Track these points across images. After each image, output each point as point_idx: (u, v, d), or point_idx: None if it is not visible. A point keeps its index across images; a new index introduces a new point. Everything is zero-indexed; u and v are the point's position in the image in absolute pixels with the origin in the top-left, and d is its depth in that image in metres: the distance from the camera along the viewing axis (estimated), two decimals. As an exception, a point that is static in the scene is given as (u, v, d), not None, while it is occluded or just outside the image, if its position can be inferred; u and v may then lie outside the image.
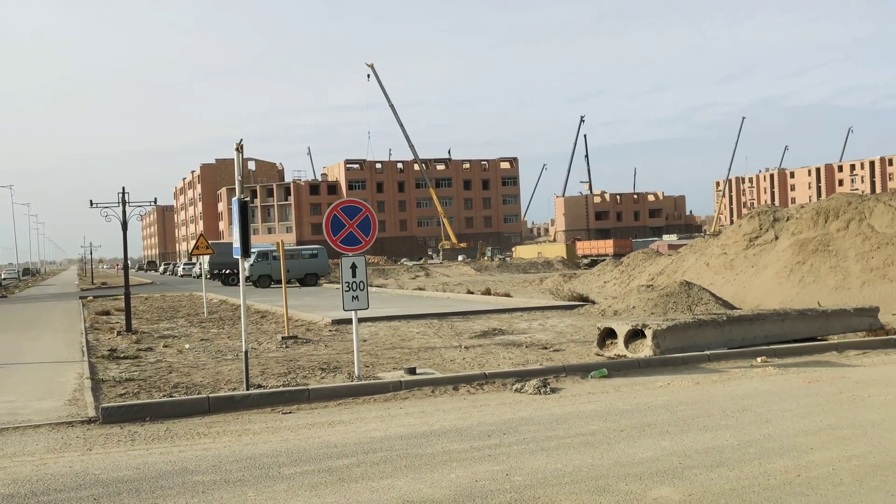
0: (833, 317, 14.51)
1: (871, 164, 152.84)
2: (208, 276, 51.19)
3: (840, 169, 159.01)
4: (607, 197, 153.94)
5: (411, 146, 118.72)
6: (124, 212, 19.97)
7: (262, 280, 45.46)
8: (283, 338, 16.79)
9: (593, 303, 23.38)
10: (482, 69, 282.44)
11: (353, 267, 11.27)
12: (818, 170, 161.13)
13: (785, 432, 7.66)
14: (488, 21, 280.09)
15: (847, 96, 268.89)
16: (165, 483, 6.56)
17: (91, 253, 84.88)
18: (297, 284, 46.26)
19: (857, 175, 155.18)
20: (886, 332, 14.62)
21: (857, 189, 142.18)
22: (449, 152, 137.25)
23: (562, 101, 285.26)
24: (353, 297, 11.26)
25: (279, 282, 42.04)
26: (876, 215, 24.68)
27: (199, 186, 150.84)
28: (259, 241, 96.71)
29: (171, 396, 10.26)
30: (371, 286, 39.95)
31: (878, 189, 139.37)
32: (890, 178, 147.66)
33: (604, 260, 56.06)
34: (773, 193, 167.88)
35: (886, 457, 6.70)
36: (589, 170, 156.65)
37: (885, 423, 7.94)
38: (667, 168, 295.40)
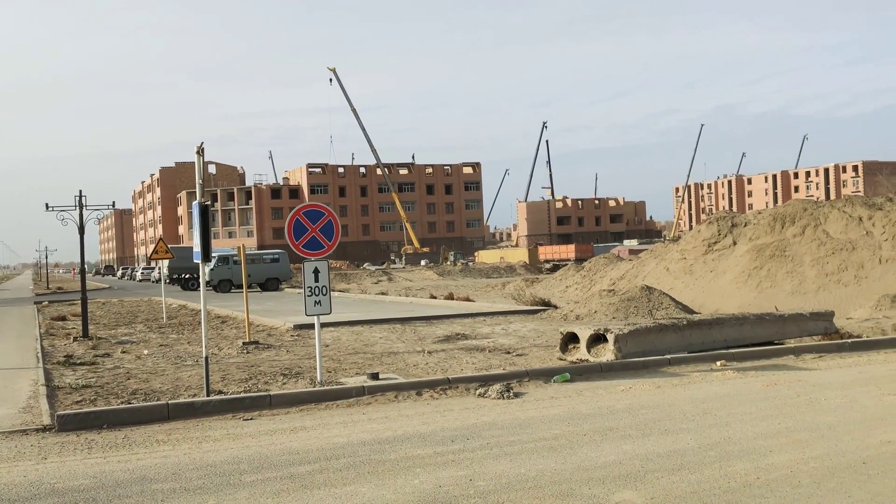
0: (790, 321, 14.74)
1: (826, 171, 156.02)
2: (168, 281, 50.52)
3: (796, 176, 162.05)
4: (569, 202, 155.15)
5: (374, 151, 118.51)
6: (81, 215, 19.60)
7: (222, 285, 44.98)
8: (244, 343, 16.60)
9: (556, 307, 23.49)
10: (447, 74, 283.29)
11: (316, 271, 11.19)
12: (775, 176, 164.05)
13: (744, 435, 7.75)
14: (453, 27, 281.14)
15: (803, 105, 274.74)
16: (123, 492, 6.43)
17: (46, 257, 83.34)
18: (259, 289, 45.85)
19: (812, 182, 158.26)
20: (841, 335, 14.90)
21: (812, 196, 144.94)
22: (413, 157, 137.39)
23: (525, 107, 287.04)
24: (315, 301, 11.17)
25: (240, 286, 41.62)
26: (831, 221, 25.18)
27: (158, 190, 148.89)
28: (220, 246, 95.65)
29: (130, 403, 10.08)
30: (333, 291, 39.75)
31: (833, 196, 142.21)
32: (844, 185, 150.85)
33: (566, 265, 56.42)
34: (731, 199, 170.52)
35: (843, 459, 6.82)
36: (551, 175, 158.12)
37: (841, 426, 8.08)
38: (628, 174, 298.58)
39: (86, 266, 21.99)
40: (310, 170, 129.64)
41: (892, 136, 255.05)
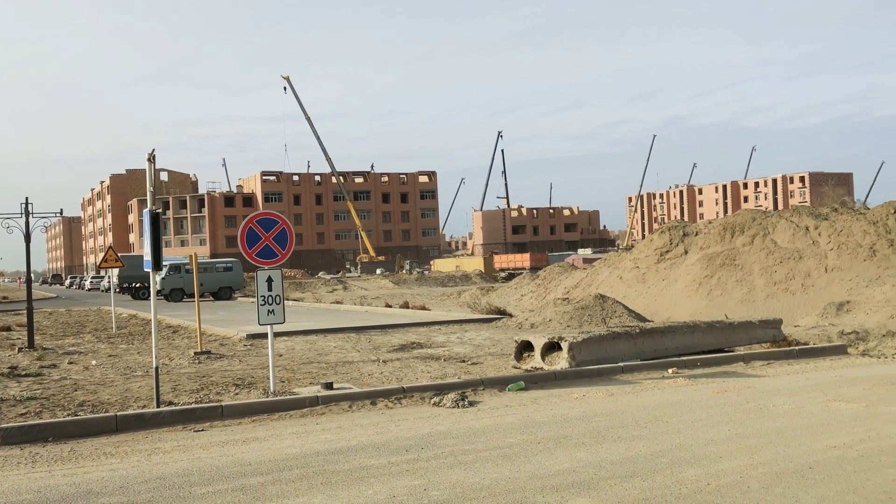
0: (739, 329, 15.00)
1: (774, 181, 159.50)
2: (117, 290, 49.59)
3: (745, 186, 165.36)
4: (524, 211, 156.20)
5: (328, 159, 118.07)
6: (27, 223, 19.14)
7: (174, 294, 44.31)
8: (195, 353, 16.36)
9: (511, 316, 23.59)
10: (403, 83, 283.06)
11: (269, 280, 11.08)
12: (724, 187, 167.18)
13: (695, 442, 7.85)
14: (409, 35, 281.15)
15: (751, 116, 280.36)
16: (69, 506, 6.27)
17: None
18: (211, 298, 45.27)
19: (760, 192, 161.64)
20: (789, 343, 15.20)
21: (760, 205, 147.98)
22: (372, 167, 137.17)
23: (481, 116, 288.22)
24: (268, 311, 11.06)
25: (192, 295, 41.04)
26: (779, 231, 25.70)
27: (108, 197, 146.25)
28: (172, 254, 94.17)
29: (77, 415, 9.85)
30: (288, 300, 39.41)
31: (781, 205, 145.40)
32: (791, 196, 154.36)
33: (521, 273, 56.70)
34: (682, 209, 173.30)
35: (790, 464, 6.94)
36: (506, 185, 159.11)
37: (789, 432, 8.23)
38: (582, 183, 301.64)
39: (32, 275, 21.47)
40: (264, 178, 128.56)
41: (837, 147, 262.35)
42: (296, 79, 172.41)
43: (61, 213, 21.66)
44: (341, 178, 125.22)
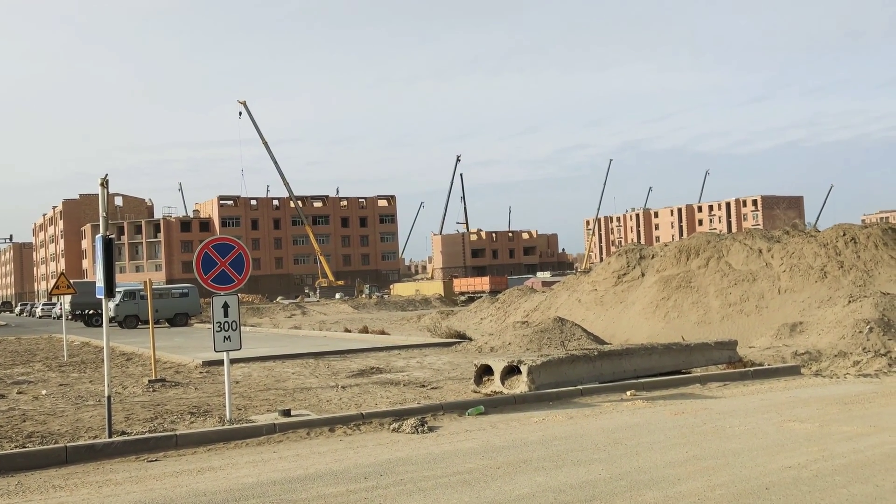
0: (696, 350, 15.17)
1: (728, 204, 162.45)
2: (69, 317, 48.55)
3: (699, 209, 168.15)
4: (483, 235, 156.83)
5: (286, 183, 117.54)
6: (-24, 249, 18.68)
7: (128, 321, 43.55)
8: (150, 381, 16.05)
9: (470, 340, 23.57)
10: (362, 107, 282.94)
11: (226, 306, 10.93)
12: (680, 210, 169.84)
13: (654, 464, 7.89)
14: (368, 59, 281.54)
15: (704, 141, 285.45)
16: (15, 542, 6.07)
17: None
18: (167, 325, 44.55)
19: (715, 215, 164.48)
20: (744, 364, 15.40)
21: (715, 228, 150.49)
22: (337, 191, 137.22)
23: (439, 140, 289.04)
24: (224, 337, 10.90)
25: (147, 322, 40.33)
26: (733, 253, 26.13)
27: (61, 223, 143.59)
28: (127, 280, 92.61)
29: (24, 447, 9.57)
30: (245, 325, 38.95)
31: (734, 228, 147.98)
32: (744, 219, 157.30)
33: (480, 297, 56.79)
34: (639, 232, 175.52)
35: (747, 485, 7.00)
36: (465, 210, 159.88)
37: (745, 453, 8.31)
38: (540, 207, 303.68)
39: (-20, 302, 20.92)
40: (221, 202, 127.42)
41: (787, 172, 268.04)
42: (252, 102, 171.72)
43: (11, 238, 21.19)
44: (299, 202, 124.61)
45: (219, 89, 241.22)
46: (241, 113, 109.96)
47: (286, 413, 11.05)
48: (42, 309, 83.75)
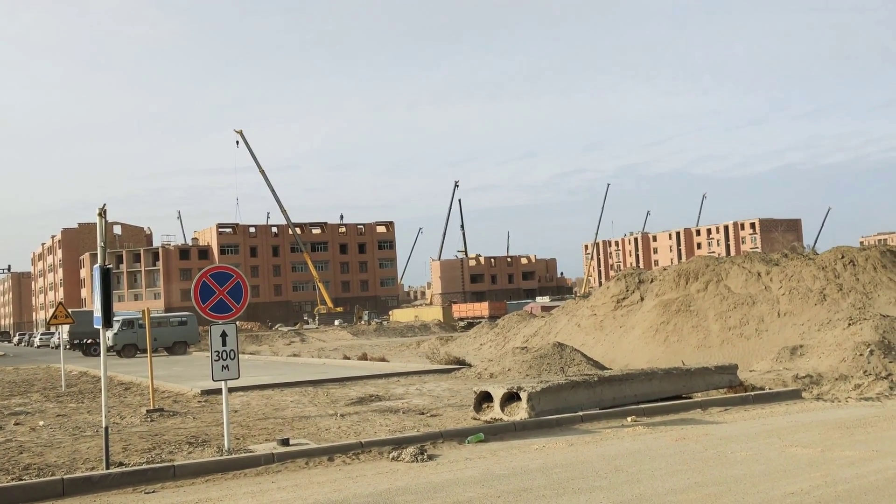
0: (696, 375, 15.11)
1: (726, 228, 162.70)
2: (67, 347, 48.38)
3: (698, 233, 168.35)
4: (482, 260, 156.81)
5: (283, 211, 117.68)
6: (-27, 279, 18.66)
7: (126, 350, 43.40)
8: (148, 411, 15.96)
9: (470, 366, 23.49)
10: (358, 133, 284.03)
11: (224, 335, 10.90)
12: (678, 233, 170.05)
13: (655, 491, 7.82)
14: (363, 86, 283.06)
15: (701, 164, 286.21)
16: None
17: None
18: (165, 353, 44.39)
19: (713, 238, 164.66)
20: (745, 388, 15.34)
21: (713, 252, 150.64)
22: (341, 217, 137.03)
23: (438, 166, 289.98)
24: (222, 366, 10.86)
25: (146, 351, 40.19)
26: (732, 276, 26.12)
27: (59, 252, 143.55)
28: (125, 309, 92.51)
29: (21, 479, 9.49)
30: (244, 353, 38.82)
31: (733, 251, 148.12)
32: (742, 242, 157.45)
33: (479, 322, 56.71)
34: (637, 256, 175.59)
35: (750, 512, 6.94)
36: (464, 235, 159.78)
37: (747, 479, 8.25)
38: (539, 232, 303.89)
39: (-23, 333, 20.86)
40: (220, 230, 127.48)
41: (785, 194, 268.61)
42: (251, 130, 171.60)
43: (9, 269, 21.18)
44: (297, 229, 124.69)
45: (217, 117, 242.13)
46: (238, 142, 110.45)
47: (285, 442, 10.97)
48: (40, 339, 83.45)
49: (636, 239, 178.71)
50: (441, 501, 7.76)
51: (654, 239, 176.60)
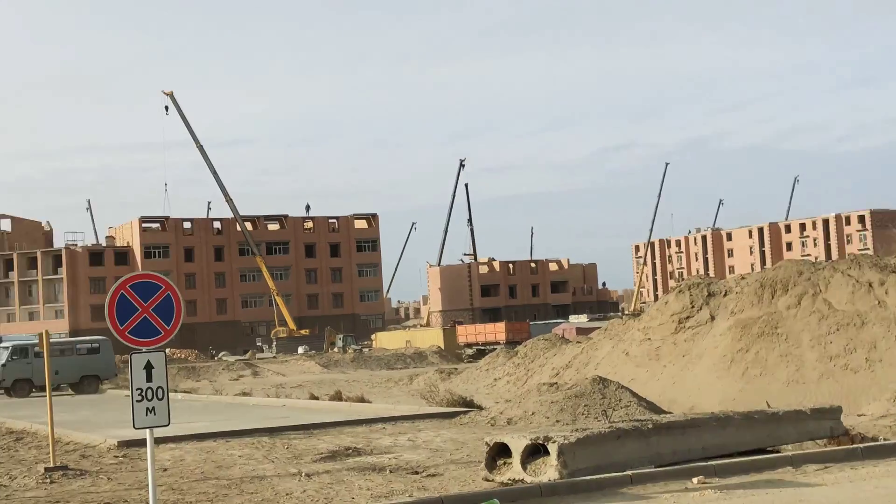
0: (785, 421, 15.10)
1: (825, 222, 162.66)
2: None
3: (788, 229, 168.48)
4: (497, 266, 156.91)
5: (229, 200, 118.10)
6: None
7: (18, 387, 43.40)
8: (46, 469, 15.99)
9: (480, 408, 23.52)
10: (331, 97, 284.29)
11: (149, 366, 10.91)
12: (761, 230, 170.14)
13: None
14: (339, 36, 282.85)
15: (793, 138, 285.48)
16: None
17: None
18: (71, 392, 44.46)
19: (808, 237, 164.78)
20: (852, 438, 15.31)
21: (808, 255, 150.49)
22: (308, 208, 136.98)
23: (436, 141, 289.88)
24: (147, 409, 10.86)
25: (44, 388, 40.18)
26: (833, 288, 26.09)
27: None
28: (17, 332, 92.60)
29: None
30: (176, 392, 38.83)
31: (835, 254, 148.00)
32: (848, 241, 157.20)
33: (493, 350, 56.67)
34: (706, 260, 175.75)
35: None
36: (472, 232, 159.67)
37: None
38: (573, 227, 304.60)
39: None
40: (144, 225, 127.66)
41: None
42: (183, 91, 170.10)
43: None
44: (248, 224, 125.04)
45: (141, 75, 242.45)
46: (167, 108, 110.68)
47: (231, 512, 10.98)
48: None
49: (704, 237, 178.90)
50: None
51: (729, 237, 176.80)
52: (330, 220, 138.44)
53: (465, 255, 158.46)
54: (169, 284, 11.27)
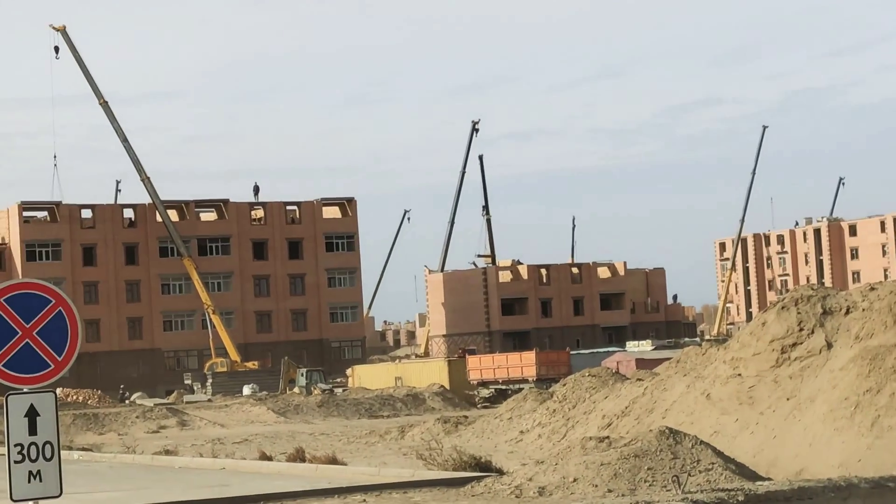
0: (934, 491, 15.09)
1: None
2: None
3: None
4: (524, 271, 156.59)
5: (145, 180, 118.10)
6: None
7: None
8: None
9: (501, 472, 23.55)
10: (291, 32, 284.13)
11: (32, 413, 10.93)
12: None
13: None
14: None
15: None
16: None
17: None
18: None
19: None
20: None
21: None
22: (257, 190, 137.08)
23: (436, 93, 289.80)
24: (30, 473, 10.88)
25: None
26: None
27: None
28: None
29: None
30: (70, 449, 38.90)
31: None
32: None
33: (519, 390, 56.75)
34: (819, 263, 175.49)
35: None
36: (489, 226, 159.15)
37: None
38: (630, 219, 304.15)
39: None
40: (26, 214, 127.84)
41: None
42: (77, 27, 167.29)
43: None
44: (171, 213, 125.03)
45: (19, 5, 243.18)
46: (57, 50, 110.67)
47: None
48: None
49: (817, 231, 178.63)
50: None
51: (853, 231, 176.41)
52: (288, 208, 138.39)
53: (478, 256, 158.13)
54: (61, 297, 11.27)
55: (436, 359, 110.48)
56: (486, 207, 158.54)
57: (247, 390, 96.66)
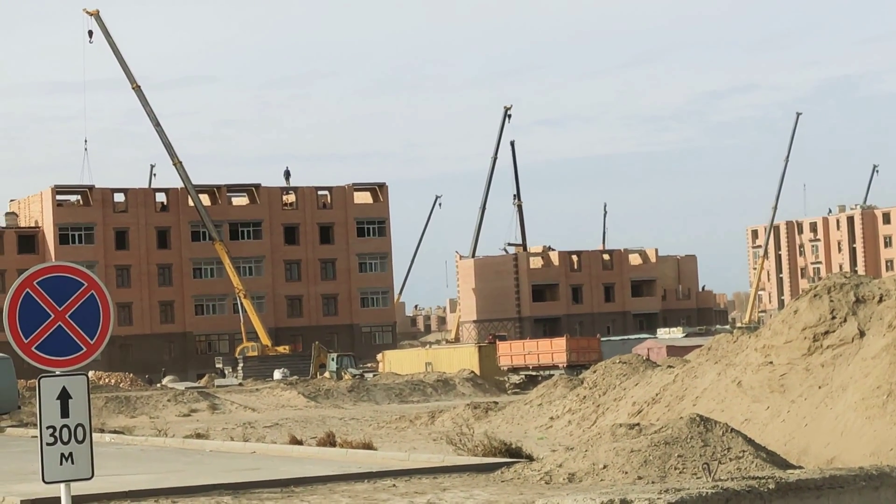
0: (968, 481, 15.00)
1: None
2: None
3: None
4: (555, 258, 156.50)
5: (178, 164, 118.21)
6: None
7: None
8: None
9: (530, 458, 23.54)
10: (322, 18, 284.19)
11: (65, 396, 10.96)
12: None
13: None
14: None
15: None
16: None
17: None
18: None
19: None
20: None
21: None
22: (288, 175, 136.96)
23: (468, 79, 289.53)
24: (62, 455, 10.91)
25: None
26: None
27: None
28: None
29: None
30: (103, 431, 39.06)
31: None
32: None
33: (550, 376, 56.72)
34: (853, 251, 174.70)
35: None
36: (521, 212, 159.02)
37: None
38: (662, 206, 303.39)
39: None
40: (59, 198, 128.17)
41: None
42: (111, 11, 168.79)
43: None
44: (203, 197, 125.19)
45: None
46: (91, 34, 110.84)
47: None
48: None
49: (850, 219, 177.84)
50: None
51: (886, 219, 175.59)
52: (319, 193, 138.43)
53: (509, 244, 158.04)
54: (93, 281, 11.29)
55: (466, 344, 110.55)
56: (517, 194, 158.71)
57: (277, 374, 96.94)
